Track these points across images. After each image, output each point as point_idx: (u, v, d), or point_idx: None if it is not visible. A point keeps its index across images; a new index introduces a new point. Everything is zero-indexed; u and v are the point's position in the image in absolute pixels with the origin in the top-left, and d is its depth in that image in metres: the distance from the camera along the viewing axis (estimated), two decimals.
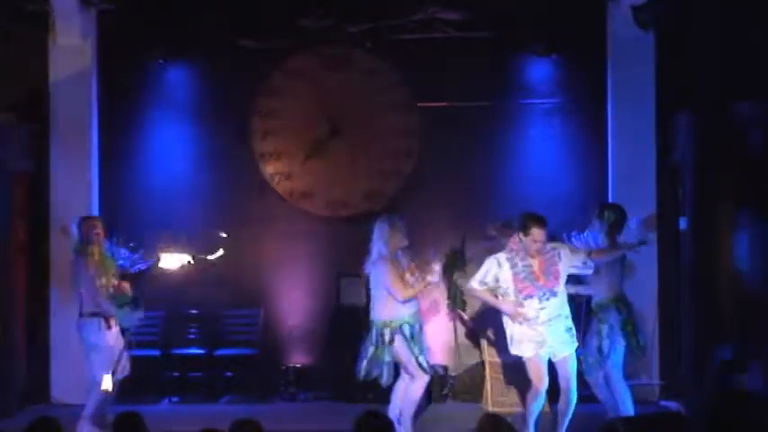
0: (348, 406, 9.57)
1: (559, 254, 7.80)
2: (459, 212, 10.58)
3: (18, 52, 10.42)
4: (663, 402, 9.78)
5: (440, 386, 10.27)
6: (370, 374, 8.17)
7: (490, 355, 9.36)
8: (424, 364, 8.13)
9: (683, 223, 9.76)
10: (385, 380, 8.17)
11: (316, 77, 10.85)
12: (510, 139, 10.82)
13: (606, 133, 10.39)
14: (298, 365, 10.62)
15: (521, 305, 7.72)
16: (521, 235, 7.73)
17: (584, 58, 10.55)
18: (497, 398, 9.41)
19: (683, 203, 9.80)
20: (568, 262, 7.80)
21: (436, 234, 10.46)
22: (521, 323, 7.74)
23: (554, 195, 10.46)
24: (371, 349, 8.12)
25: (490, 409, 9.35)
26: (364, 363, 8.14)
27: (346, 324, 10.03)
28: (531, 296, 7.70)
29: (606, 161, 10.40)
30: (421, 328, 8.24)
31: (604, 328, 8.13)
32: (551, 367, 7.87)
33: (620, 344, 8.16)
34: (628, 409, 8.13)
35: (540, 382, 7.82)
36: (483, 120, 10.75)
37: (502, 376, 9.08)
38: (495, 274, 7.80)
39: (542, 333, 7.72)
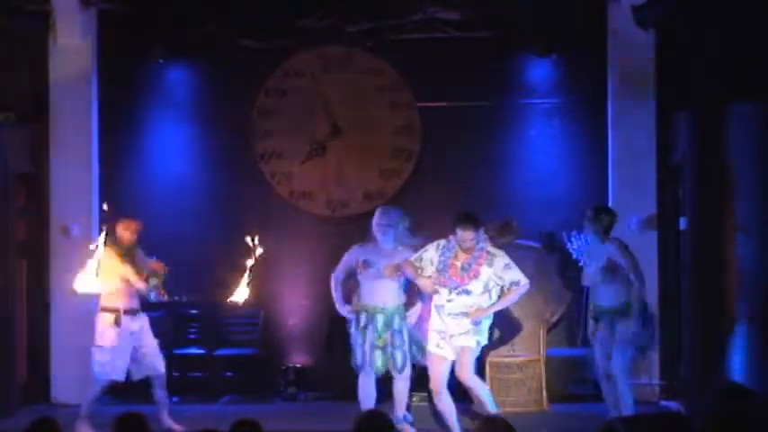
0: (348, 406, 9.54)
1: (492, 260, 7.87)
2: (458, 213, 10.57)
3: (18, 52, 10.42)
4: (663, 402, 9.78)
5: None
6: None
7: (490, 354, 9.37)
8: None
9: (683, 223, 9.76)
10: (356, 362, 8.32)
11: (316, 77, 10.85)
12: (510, 139, 10.81)
13: (606, 133, 10.39)
14: (298, 365, 10.62)
15: (436, 291, 7.88)
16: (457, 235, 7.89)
17: (584, 58, 10.54)
18: (497, 398, 9.41)
19: (683, 203, 9.80)
20: (497, 271, 7.85)
21: (436, 234, 10.45)
22: (436, 293, 7.89)
23: (554, 195, 10.47)
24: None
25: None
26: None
27: (346, 324, 10.02)
28: (443, 285, 7.85)
29: (606, 161, 10.39)
30: (389, 323, 8.26)
31: (613, 335, 8.19)
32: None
33: (627, 351, 8.17)
34: (628, 409, 8.14)
35: (436, 382, 7.91)
36: (483, 120, 10.75)
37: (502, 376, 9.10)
38: (430, 257, 7.96)
39: (445, 322, 7.84)
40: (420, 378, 10.26)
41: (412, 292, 8.44)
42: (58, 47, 10.35)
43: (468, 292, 7.81)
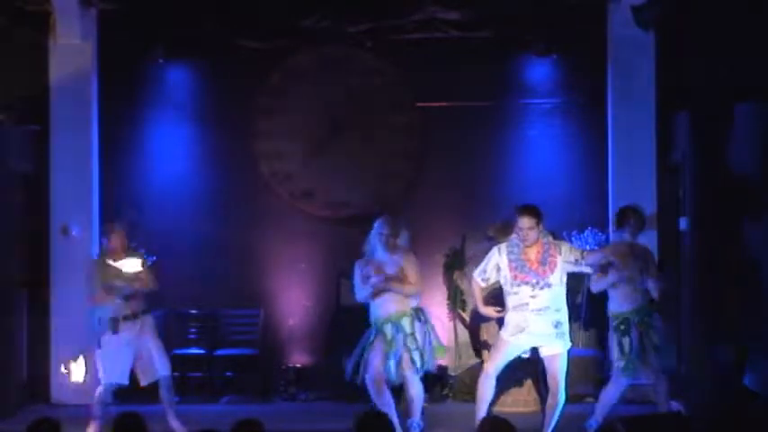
0: (348, 406, 9.56)
1: (560, 248, 7.99)
2: (459, 212, 10.59)
3: (18, 52, 10.41)
4: None
5: (440, 386, 10.29)
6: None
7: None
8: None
9: (683, 223, 9.76)
10: (347, 375, 8.32)
11: (316, 77, 10.85)
12: (510, 139, 10.82)
13: (606, 133, 10.39)
14: (298, 365, 10.62)
15: (514, 293, 7.87)
16: (516, 226, 7.99)
17: (585, 58, 10.55)
18: (497, 398, 9.41)
19: (683, 203, 9.80)
20: (566, 257, 7.94)
21: (436, 234, 10.47)
22: (499, 315, 7.99)
23: (554, 195, 10.46)
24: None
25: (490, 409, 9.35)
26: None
27: (346, 324, 10.02)
28: (525, 282, 7.88)
29: (606, 161, 10.40)
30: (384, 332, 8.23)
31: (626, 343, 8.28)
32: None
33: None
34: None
35: (493, 364, 8.00)
36: (483, 120, 10.75)
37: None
38: (496, 263, 7.99)
39: (527, 320, 7.87)
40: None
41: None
42: (58, 47, 10.34)
43: (549, 286, 7.88)
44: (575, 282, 9.55)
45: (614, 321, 8.31)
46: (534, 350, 8.08)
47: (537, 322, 7.87)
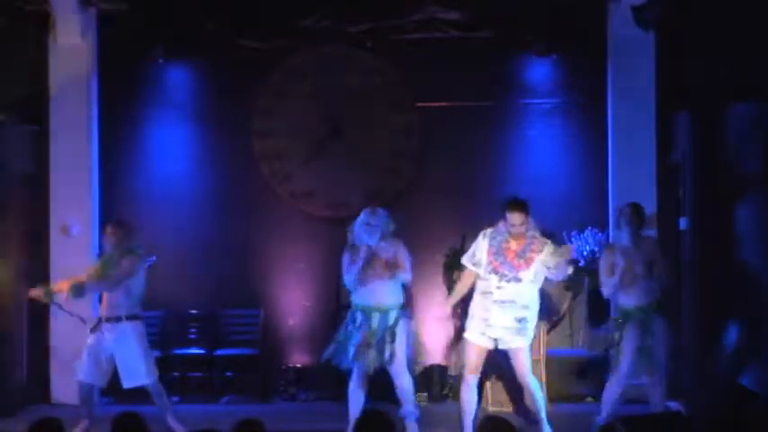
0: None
1: (542, 247, 7.88)
2: (458, 212, 10.58)
3: (18, 52, 10.41)
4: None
5: (440, 386, 10.29)
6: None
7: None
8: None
9: (683, 223, 9.76)
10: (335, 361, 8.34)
11: (316, 77, 10.85)
12: (510, 139, 10.82)
13: (606, 133, 10.39)
14: (298, 365, 10.62)
15: (485, 279, 7.84)
16: (507, 222, 7.91)
17: (584, 58, 10.55)
18: (497, 398, 9.43)
19: (683, 203, 9.80)
20: (546, 257, 7.84)
21: (436, 234, 10.47)
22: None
23: (554, 195, 10.47)
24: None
25: (490, 409, 9.37)
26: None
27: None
28: (495, 272, 7.82)
29: (606, 161, 10.40)
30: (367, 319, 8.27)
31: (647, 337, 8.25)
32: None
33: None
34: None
35: (470, 369, 7.92)
36: (483, 120, 10.75)
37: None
38: (481, 247, 7.94)
39: (489, 310, 7.82)
40: (418, 379, 10.32)
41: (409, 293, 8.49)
42: (58, 47, 10.34)
43: (518, 280, 7.82)
44: (575, 282, 9.57)
45: (616, 313, 8.32)
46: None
47: (498, 314, 7.82)
